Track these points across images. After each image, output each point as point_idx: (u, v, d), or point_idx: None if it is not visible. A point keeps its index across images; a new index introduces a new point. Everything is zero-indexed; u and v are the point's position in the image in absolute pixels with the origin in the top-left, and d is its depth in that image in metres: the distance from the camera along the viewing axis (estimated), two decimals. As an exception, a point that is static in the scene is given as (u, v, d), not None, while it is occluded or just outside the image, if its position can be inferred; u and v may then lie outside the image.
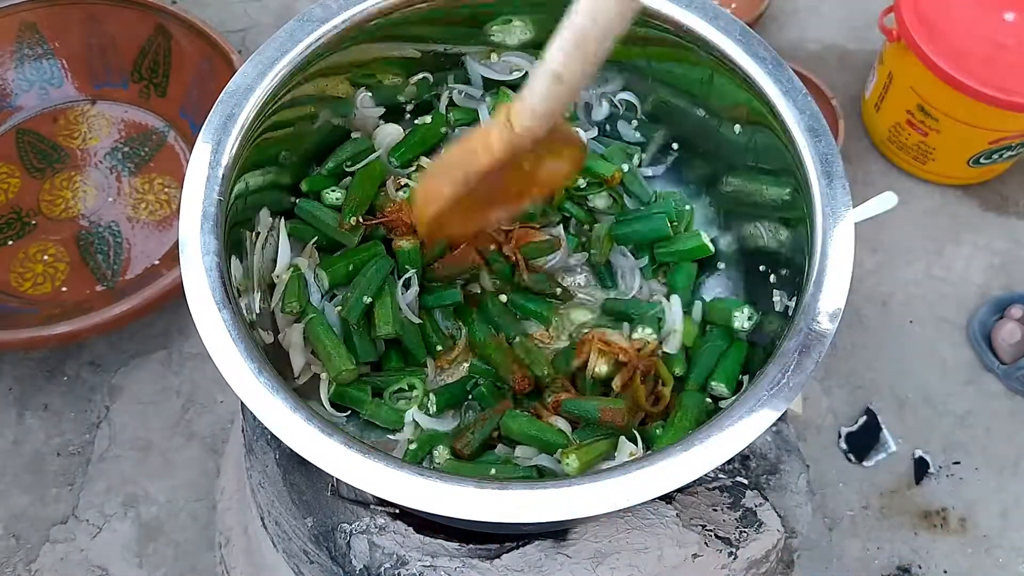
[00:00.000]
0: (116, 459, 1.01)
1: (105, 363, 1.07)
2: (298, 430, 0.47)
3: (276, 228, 0.63)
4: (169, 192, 1.15)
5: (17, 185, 1.15)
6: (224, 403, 1.05)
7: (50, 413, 1.04)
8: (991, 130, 1.10)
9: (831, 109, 1.19)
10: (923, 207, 1.22)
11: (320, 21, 0.59)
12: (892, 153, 1.24)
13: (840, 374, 1.09)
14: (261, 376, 0.48)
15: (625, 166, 0.70)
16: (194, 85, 1.18)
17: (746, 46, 0.59)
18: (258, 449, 0.66)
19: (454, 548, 0.60)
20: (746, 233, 0.67)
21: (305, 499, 0.63)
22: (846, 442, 1.04)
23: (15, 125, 1.19)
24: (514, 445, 0.61)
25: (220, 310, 0.50)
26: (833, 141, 0.56)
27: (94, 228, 1.12)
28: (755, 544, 0.63)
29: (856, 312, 1.13)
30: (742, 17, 1.27)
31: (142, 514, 0.98)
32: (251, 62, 0.58)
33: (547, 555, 0.60)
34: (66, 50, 1.20)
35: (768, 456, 0.70)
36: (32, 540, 0.96)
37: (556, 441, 0.59)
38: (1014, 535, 1.00)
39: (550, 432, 0.59)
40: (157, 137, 1.19)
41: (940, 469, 1.04)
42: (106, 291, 1.07)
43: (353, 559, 0.61)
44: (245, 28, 1.37)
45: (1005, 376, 1.08)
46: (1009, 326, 1.08)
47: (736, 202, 0.68)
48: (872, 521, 1.00)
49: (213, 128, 0.55)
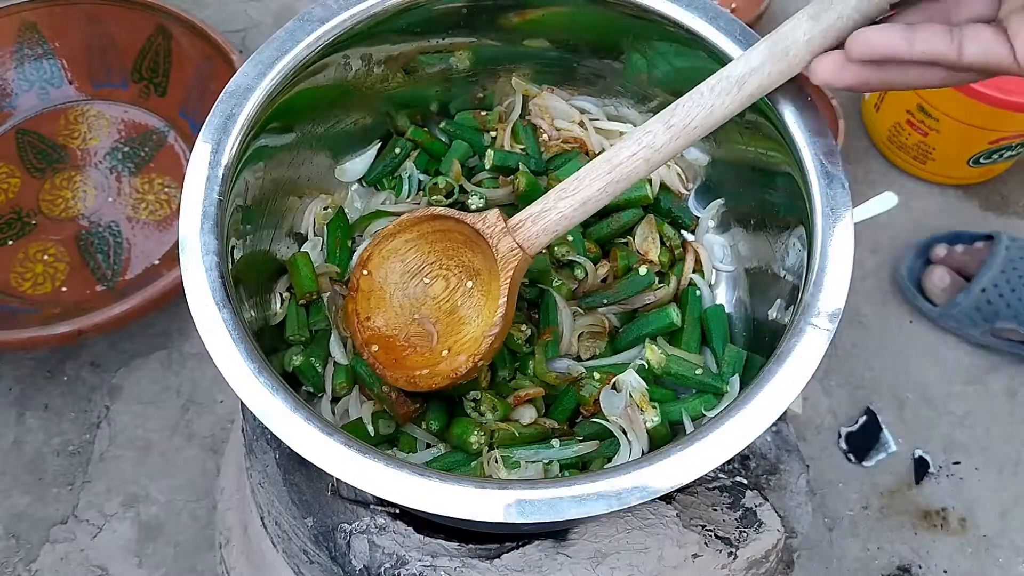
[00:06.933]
0: (116, 459, 1.01)
1: (105, 363, 1.07)
2: (298, 430, 0.47)
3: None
4: (169, 192, 1.15)
5: (17, 185, 1.15)
6: (224, 403, 1.05)
7: (50, 413, 1.04)
8: (991, 130, 1.10)
9: (831, 109, 1.19)
10: (923, 207, 1.22)
11: (320, 21, 0.59)
12: (892, 153, 1.24)
13: (840, 374, 1.09)
14: (261, 376, 0.48)
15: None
16: (194, 85, 1.18)
17: (746, 46, 0.59)
18: (258, 449, 0.66)
19: (454, 548, 0.60)
20: (746, 233, 0.68)
21: (305, 499, 0.63)
22: (846, 442, 1.04)
23: (15, 125, 1.19)
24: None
25: (220, 310, 0.49)
26: (833, 141, 0.56)
27: (94, 228, 1.12)
28: (755, 544, 0.63)
29: (856, 312, 1.13)
30: (742, 17, 1.27)
31: (142, 514, 0.98)
32: (251, 62, 0.58)
33: (547, 555, 0.60)
34: (66, 50, 1.20)
35: (768, 456, 0.70)
36: (32, 540, 0.96)
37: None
38: (1014, 535, 1.00)
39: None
40: (157, 137, 1.19)
41: (940, 469, 1.04)
42: (106, 291, 1.07)
43: (353, 559, 0.61)
44: (245, 28, 1.37)
45: (940, 317, 1.09)
46: (939, 271, 1.10)
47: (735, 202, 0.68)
48: (872, 521, 1.00)
49: (213, 128, 0.55)
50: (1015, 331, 1.05)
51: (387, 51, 0.65)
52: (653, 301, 0.66)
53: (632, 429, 0.59)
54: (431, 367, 0.58)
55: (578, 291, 0.66)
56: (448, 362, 0.57)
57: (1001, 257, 1.06)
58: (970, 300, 1.06)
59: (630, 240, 0.68)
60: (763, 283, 0.64)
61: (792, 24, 0.52)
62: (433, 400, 0.62)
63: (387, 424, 0.61)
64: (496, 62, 0.71)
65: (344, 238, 0.68)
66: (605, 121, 0.72)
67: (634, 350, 0.65)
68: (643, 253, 0.68)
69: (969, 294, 1.06)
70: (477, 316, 0.58)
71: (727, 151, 0.67)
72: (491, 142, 0.72)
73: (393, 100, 0.70)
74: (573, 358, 0.65)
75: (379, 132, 0.71)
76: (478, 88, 0.72)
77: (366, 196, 0.72)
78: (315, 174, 0.68)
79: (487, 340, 0.56)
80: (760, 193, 0.64)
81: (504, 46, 0.69)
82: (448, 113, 0.74)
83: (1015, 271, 1.05)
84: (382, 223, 0.67)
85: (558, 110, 0.72)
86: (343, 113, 0.67)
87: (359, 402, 0.62)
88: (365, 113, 0.69)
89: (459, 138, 0.72)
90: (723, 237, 0.70)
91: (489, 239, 0.56)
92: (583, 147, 0.72)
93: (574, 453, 0.59)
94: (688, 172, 0.72)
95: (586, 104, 0.73)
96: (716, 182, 0.70)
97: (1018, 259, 1.06)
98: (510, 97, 0.73)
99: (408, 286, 0.61)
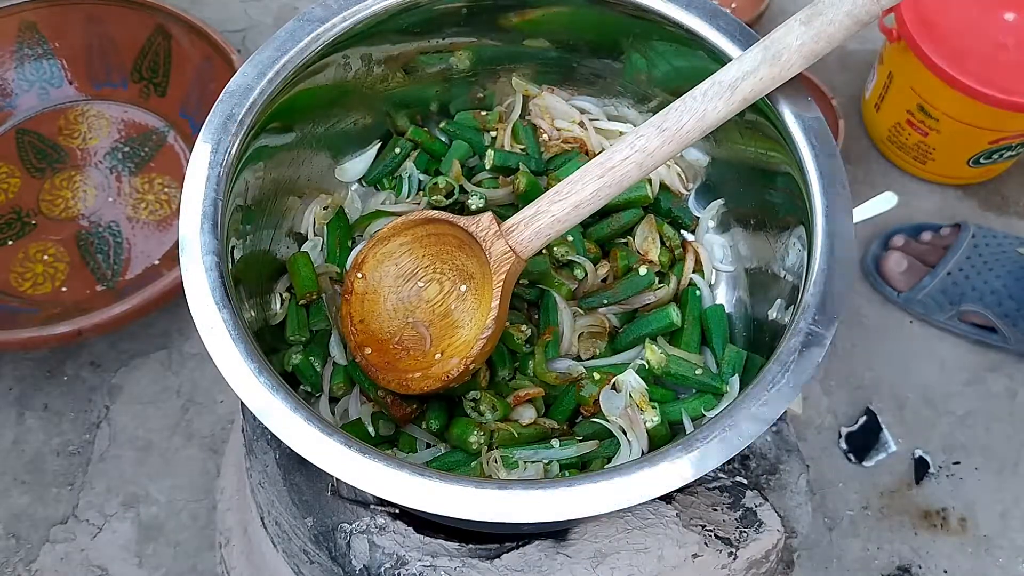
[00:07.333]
0: (116, 459, 1.01)
1: (105, 363, 1.07)
2: (298, 430, 0.47)
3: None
4: (169, 192, 1.15)
5: (17, 185, 1.15)
6: (224, 403, 1.05)
7: (50, 413, 1.04)
8: (991, 130, 1.10)
9: (831, 109, 1.19)
10: (923, 207, 1.22)
11: (320, 21, 0.59)
12: (892, 153, 1.24)
13: (840, 374, 1.09)
14: (261, 376, 0.48)
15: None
16: (194, 85, 1.18)
17: (746, 47, 0.59)
18: (258, 449, 0.66)
19: (454, 548, 0.60)
20: (746, 233, 0.68)
21: (305, 499, 0.63)
22: (846, 442, 1.04)
23: (15, 125, 1.19)
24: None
25: (220, 310, 0.50)
26: (833, 141, 0.56)
27: (94, 228, 1.12)
28: (755, 544, 0.63)
29: (856, 312, 1.13)
30: (742, 17, 1.27)
31: (142, 514, 0.98)
32: (251, 62, 0.58)
33: (547, 555, 0.60)
34: (66, 50, 1.20)
35: (768, 456, 0.70)
36: (32, 540, 0.96)
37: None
38: (1014, 535, 1.00)
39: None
40: (157, 137, 1.19)
41: (940, 469, 1.04)
42: (106, 291, 1.07)
43: (353, 559, 0.61)
44: (245, 28, 1.37)
45: (906, 303, 1.11)
46: (895, 256, 1.11)
47: (735, 202, 0.68)
48: (872, 521, 1.00)
49: (213, 128, 0.55)
50: (980, 315, 1.06)
51: (387, 51, 0.65)
52: (653, 301, 0.66)
53: (632, 429, 0.59)
54: (424, 370, 0.58)
55: (578, 291, 0.66)
56: (441, 365, 0.58)
57: (968, 242, 1.08)
58: (936, 283, 1.08)
59: (630, 240, 0.68)
60: (763, 283, 0.64)
61: (785, 29, 0.52)
62: (433, 400, 0.62)
63: (387, 425, 0.61)
64: (496, 62, 0.71)
65: (344, 238, 0.68)
66: (605, 121, 0.72)
67: (634, 350, 0.65)
68: (643, 253, 0.68)
69: (935, 276, 1.08)
70: (470, 320, 0.58)
71: (727, 151, 0.67)
72: (491, 142, 0.72)
73: (393, 100, 0.70)
74: (573, 358, 0.65)
75: (379, 132, 0.71)
76: (478, 88, 0.72)
77: (366, 196, 0.72)
78: (315, 174, 0.68)
79: (479, 343, 0.56)
80: (760, 193, 0.64)
81: (504, 46, 0.69)
82: (448, 113, 0.74)
83: (980, 257, 1.07)
84: (382, 223, 0.67)
85: (558, 110, 0.72)
86: (343, 113, 0.67)
87: (359, 402, 0.62)
88: (365, 113, 0.69)
89: (459, 138, 0.72)
90: (723, 237, 0.70)
91: (482, 242, 0.56)
92: (583, 147, 0.72)
93: (574, 453, 0.59)
94: (688, 172, 0.72)
95: (586, 104, 0.73)
96: (716, 182, 0.70)
97: (983, 245, 1.08)
98: (510, 97, 0.73)
99: (402, 289, 0.61)
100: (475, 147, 0.72)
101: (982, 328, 1.08)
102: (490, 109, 0.73)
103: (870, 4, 0.50)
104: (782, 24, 0.53)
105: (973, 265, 1.07)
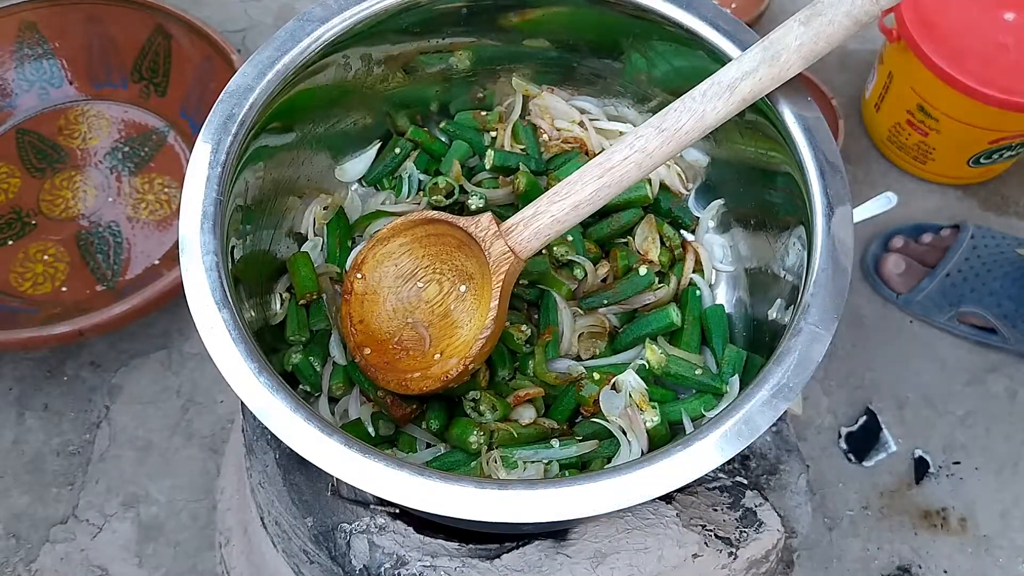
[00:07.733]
0: (116, 459, 1.01)
1: (105, 363, 1.07)
2: (298, 430, 0.47)
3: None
4: (169, 192, 1.15)
5: (17, 185, 1.15)
6: (224, 403, 1.05)
7: (50, 413, 1.04)
8: (991, 130, 1.10)
9: (831, 109, 1.19)
10: (923, 207, 1.22)
11: (320, 21, 0.59)
12: (892, 153, 1.24)
13: (840, 374, 1.09)
14: (261, 376, 0.48)
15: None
16: (194, 85, 1.18)
17: (746, 47, 0.59)
18: (258, 449, 0.66)
19: (454, 548, 0.60)
20: (746, 233, 0.68)
21: (305, 499, 0.63)
22: (846, 442, 1.04)
23: (15, 125, 1.19)
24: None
25: (220, 310, 0.50)
26: (833, 141, 0.56)
27: (94, 228, 1.12)
28: (755, 544, 0.63)
29: (856, 312, 1.13)
30: (742, 17, 1.27)
31: (142, 514, 0.98)
32: (251, 62, 0.58)
33: (547, 555, 0.60)
34: (66, 50, 1.20)
35: (768, 456, 0.71)
36: (32, 540, 0.96)
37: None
38: (1014, 535, 1.00)
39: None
40: (157, 137, 1.19)
41: (940, 469, 1.04)
42: (106, 291, 1.07)
43: (353, 559, 0.61)
44: (245, 28, 1.37)
45: (906, 304, 1.11)
46: (892, 258, 1.11)
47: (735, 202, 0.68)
48: (872, 521, 1.00)
49: (213, 128, 0.55)
50: (979, 316, 1.06)
51: (387, 51, 0.65)
52: (653, 301, 0.66)
53: (632, 429, 0.59)
54: (423, 370, 0.58)
55: (578, 291, 0.66)
56: (440, 365, 0.58)
57: (967, 243, 1.08)
58: (935, 285, 1.08)
59: (630, 240, 0.68)
60: (763, 283, 0.64)
61: (784, 29, 0.52)
62: (432, 400, 0.62)
63: (387, 425, 0.61)
64: (496, 62, 0.71)
65: (344, 238, 0.68)
66: (605, 121, 0.72)
67: (634, 350, 0.65)
68: (643, 253, 0.68)
69: (934, 278, 1.08)
70: (470, 320, 0.58)
71: (727, 151, 0.67)
72: (491, 142, 0.72)
73: (393, 100, 0.70)
74: (573, 358, 0.65)
75: (379, 132, 0.71)
76: (478, 88, 0.72)
77: (366, 196, 0.72)
78: (315, 174, 0.68)
79: (478, 343, 0.56)
80: (760, 193, 0.64)
81: (504, 46, 0.69)
82: (448, 113, 0.74)
83: (979, 258, 1.07)
84: (382, 223, 0.67)
85: (558, 110, 0.72)
86: (343, 113, 0.67)
87: (358, 402, 0.62)
88: (365, 113, 0.69)
89: (459, 138, 0.72)
90: (723, 237, 0.70)
91: (482, 243, 0.56)
92: (583, 147, 0.72)
93: (574, 453, 0.59)
94: (688, 172, 0.72)
95: (586, 104, 0.73)
96: (716, 182, 0.70)
97: (982, 246, 1.08)
98: (510, 97, 0.73)
99: (402, 290, 0.61)
100: (475, 147, 0.72)
101: (981, 329, 1.08)
102: (490, 109, 0.73)
103: (869, 4, 0.50)
104: (781, 24, 0.53)
105: (972, 267, 1.07)
